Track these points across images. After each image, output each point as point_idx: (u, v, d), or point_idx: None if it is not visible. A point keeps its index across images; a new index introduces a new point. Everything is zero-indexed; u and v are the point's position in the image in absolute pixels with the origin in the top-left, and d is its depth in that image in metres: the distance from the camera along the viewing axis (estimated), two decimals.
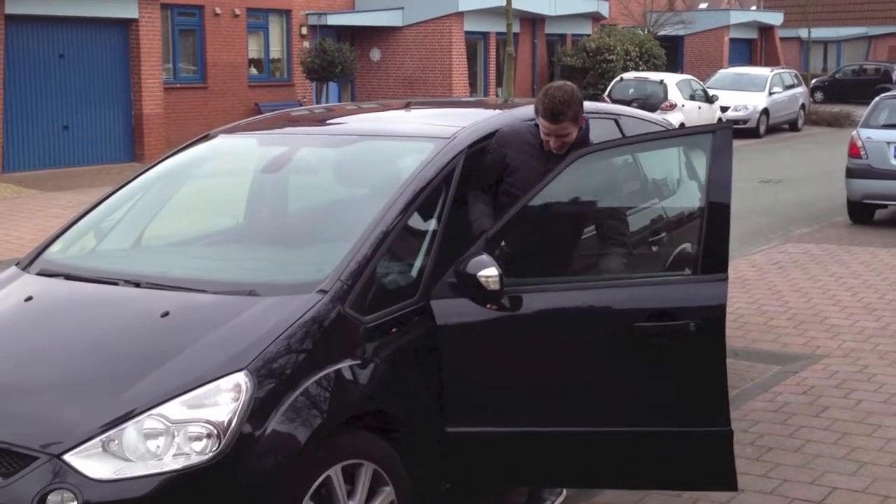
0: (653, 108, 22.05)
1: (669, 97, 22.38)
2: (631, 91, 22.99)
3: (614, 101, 22.30)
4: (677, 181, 5.65)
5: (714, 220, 3.96)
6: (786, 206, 14.00)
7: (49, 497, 3.11)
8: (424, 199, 4.03)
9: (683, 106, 22.46)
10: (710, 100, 23.67)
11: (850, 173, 12.16)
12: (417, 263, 3.93)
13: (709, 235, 3.95)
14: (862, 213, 12.18)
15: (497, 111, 5.09)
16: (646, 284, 4.15)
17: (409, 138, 4.55)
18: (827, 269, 9.35)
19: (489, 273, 3.79)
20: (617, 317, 3.92)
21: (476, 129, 4.46)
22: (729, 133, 4.18)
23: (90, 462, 3.16)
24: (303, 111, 6.13)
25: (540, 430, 3.93)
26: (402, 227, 3.91)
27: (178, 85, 21.09)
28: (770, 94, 26.25)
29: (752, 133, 25.32)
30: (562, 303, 3.97)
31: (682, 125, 21.91)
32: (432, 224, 4.04)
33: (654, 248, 5.12)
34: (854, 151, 12.17)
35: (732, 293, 8.34)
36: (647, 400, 3.92)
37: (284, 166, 4.74)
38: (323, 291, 3.63)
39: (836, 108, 30.51)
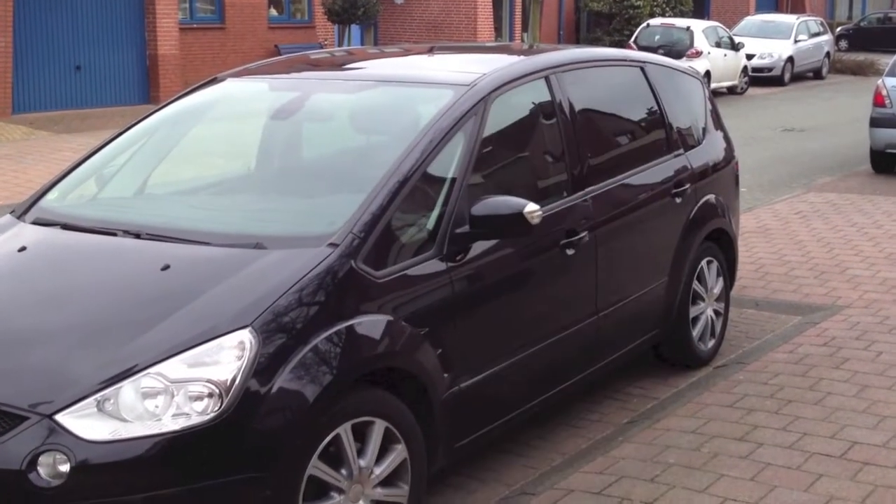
0: (678, 56, 21.69)
1: (695, 44, 21.98)
2: (657, 38, 22.60)
3: (640, 48, 21.95)
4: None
5: None
6: (809, 154, 13.79)
7: (40, 458, 2.98)
8: (443, 147, 3.89)
9: (709, 53, 22.07)
10: (735, 47, 23.25)
11: (874, 122, 11.94)
12: (434, 215, 3.79)
13: None
14: (885, 162, 11.97)
15: (521, 57, 4.95)
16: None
17: (428, 84, 4.40)
18: (849, 218, 9.20)
19: (533, 208, 3.81)
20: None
21: (497, 76, 4.32)
22: None
23: (84, 422, 3.02)
24: (322, 54, 5.96)
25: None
26: (418, 178, 3.77)
27: (195, 25, 20.77)
28: (795, 41, 25.87)
29: (777, 81, 25.00)
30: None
31: (707, 73, 21.67)
32: (451, 174, 3.90)
33: None
34: (878, 100, 11.94)
35: (754, 242, 8.25)
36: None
37: (296, 112, 4.57)
38: (333, 245, 3.49)
39: (860, 57, 30.01)
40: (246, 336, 3.17)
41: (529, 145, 4.59)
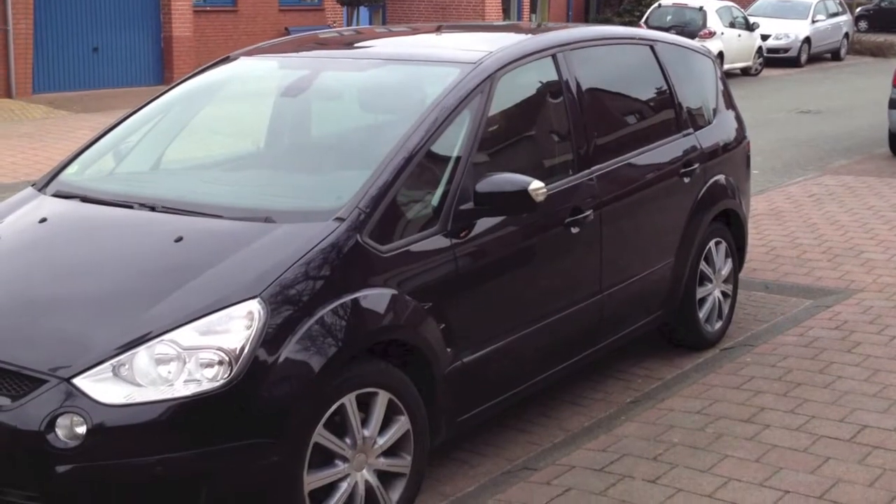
0: (691, 36, 21.49)
1: (708, 24, 21.82)
2: (669, 18, 22.43)
3: (651, 28, 21.84)
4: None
5: None
6: (824, 137, 13.68)
7: (58, 420, 3.08)
8: (448, 125, 3.91)
9: (723, 34, 21.88)
10: (750, 28, 23.05)
11: (893, 104, 11.81)
12: (439, 192, 3.82)
13: None
14: None
15: (528, 36, 4.92)
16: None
17: (434, 63, 4.42)
18: (865, 201, 9.12)
19: (538, 185, 3.82)
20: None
21: (504, 55, 4.32)
22: None
23: (100, 386, 3.12)
24: (330, 33, 5.98)
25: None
26: (424, 155, 3.80)
27: (208, 8, 20.82)
28: (813, 22, 25.59)
29: (793, 62, 24.77)
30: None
31: (720, 54, 21.51)
32: (456, 151, 3.92)
33: None
34: None
35: (766, 225, 8.19)
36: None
37: (305, 90, 4.61)
38: (340, 219, 3.54)
39: (880, 38, 29.72)
40: (255, 306, 3.24)
41: (535, 123, 4.58)
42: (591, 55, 4.80)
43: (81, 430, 3.07)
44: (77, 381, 3.12)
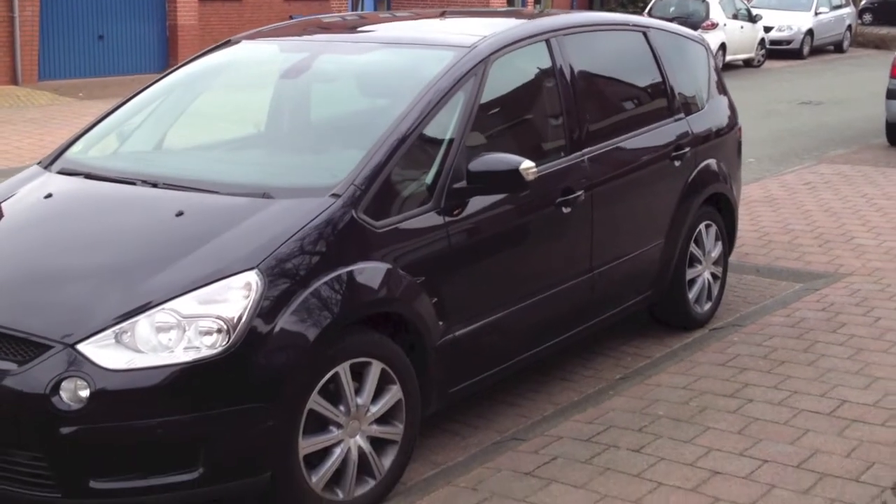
0: (694, 27, 21.58)
1: (711, 16, 21.88)
2: (672, 9, 22.46)
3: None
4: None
5: None
6: (824, 127, 13.78)
7: (62, 384, 3.21)
8: (442, 107, 4.05)
9: (725, 25, 21.96)
10: (753, 19, 23.14)
11: (891, 94, 11.90)
12: (433, 171, 3.95)
13: None
14: None
15: (523, 21, 5.03)
16: None
17: (430, 46, 4.55)
18: (859, 189, 9.24)
19: (529, 165, 3.95)
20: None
21: (498, 39, 4.45)
22: None
23: (103, 352, 3.24)
24: (334, 18, 6.12)
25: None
26: (418, 135, 3.94)
27: None
28: (816, 14, 25.67)
29: (796, 54, 24.86)
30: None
31: (723, 46, 21.58)
32: (450, 132, 4.05)
33: None
34: (895, 72, 11.91)
35: (760, 211, 8.31)
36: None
37: (304, 72, 4.75)
38: (336, 195, 3.67)
39: (883, 31, 29.76)
40: (253, 277, 3.37)
41: (528, 106, 4.71)
42: (584, 41, 4.92)
43: (85, 393, 3.20)
44: (81, 346, 3.25)
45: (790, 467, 3.88)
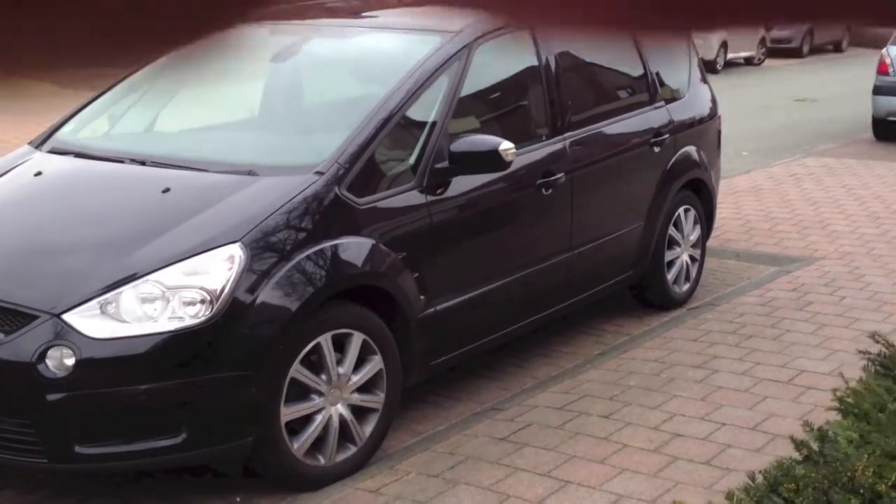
0: None
1: None
2: None
3: None
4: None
5: None
6: (816, 123, 14.02)
7: (49, 352, 3.36)
8: (426, 90, 4.26)
9: None
10: None
11: (877, 90, 12.17)
12: (416, 151, 4.16)
13: None
14: (886, 129, 12.19)
15: None
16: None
17: (417, 31, 4.76)
18: (841, 181, 9.49)
19: (508, 146, 4.17)
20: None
21: (483, 25, 4.62)
22: None
23: (88, 321, 3.39)
24: (339, 2, 6.34)
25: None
26: (402, 117, 4.15)
27: None
28: None
29: (796, 53, 25.09)
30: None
31: (724, 44, 21.82)
32: (433, 114, 4.27)
33: None
34: (882, 69, 12.18)
35: (744, 201, 8.58)
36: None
37: (293, 56, 4.96)
38: (319, 173, 3.86)
39: (881, 31, 29.88)
40: (236, 250, 3.57)
41: (511, 91, 4.96)
42: None
43: (70, 361, 3.33)
44: (66, 316, 3.39)
45: (746, 429, 4.14)
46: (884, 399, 2.55)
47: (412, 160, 4.16)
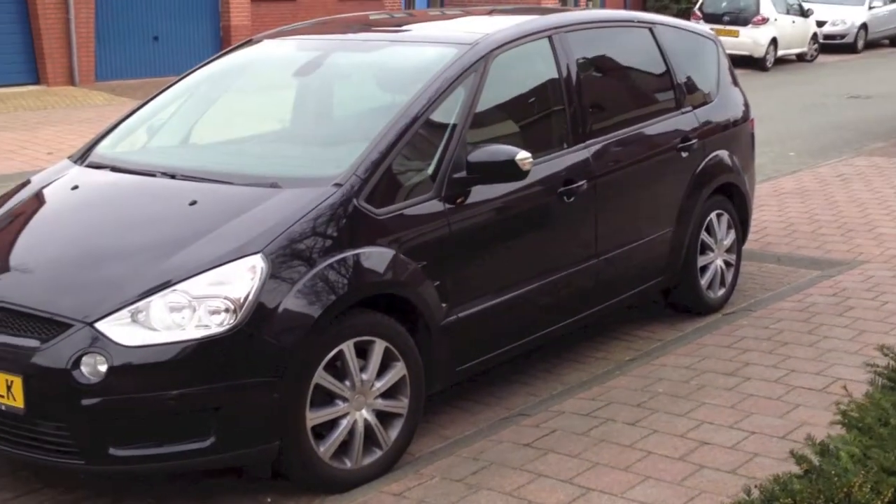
0: (745, 22, 21.60)
1: (762, 11, 21.82)
2: (723, 4, 22.44)
3: (705, 15, 21.88)
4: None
5: None
6: (868, 121, 13.76)
7: (83, 359, 3.49)
8: (443, 101, 4.30)
9: (776, 20, 21.88)
10: (805, 14, 23.01)
11: None
12: (434, 162, 4.21)
13: None
14: None
15: (528, 18, 5.20)
16: None
17: (434, 43, 4.83)
18: (890, 181, 9.30)
19: (525, 155, 4.20)
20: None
21: (499, 36, 4.68)
22: None
23: (120, 329, 3.52)
24: (381, 15, 6.43)
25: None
26: (419, 128, 4.20)
27: None
28: (870, 8, 25.43)
29: (850, 49, 24.67)
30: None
31: (773, 40, 21.52)
32: (451, 124, 4.30)
33: None
34: None
35: (788, 203, 8.44)
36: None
37: (316, 70, 5.04)
38: (338, 185, 3.94)
39: None
40: (258, 260, 3.66)
41: (529, 100, 4.95)
42: (588, 37, 5.17)
43: (103, 367, 3.46)
44: (99, 325, 3.53)
45: (775, 438, 4.08)
46: (888, 413, 2.49)
47: (430, 170, 4.20)
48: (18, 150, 11.42)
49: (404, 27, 5.64)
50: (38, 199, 4.44)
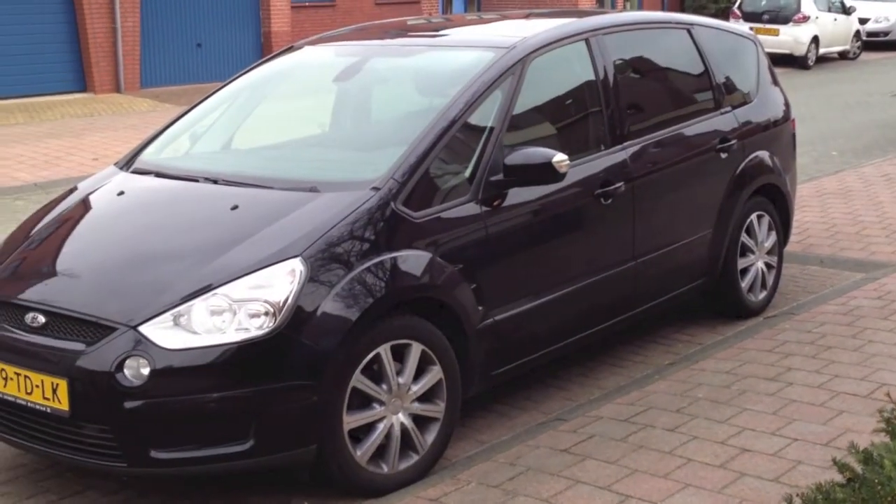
0: (785, 21, 21.38)
1: (802, 8, 21.59)
2: (763, 3, 22.25)
3: (745, 14, 21.71)
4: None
5: None
6: None
7: (126, 362, 3.54)
8: (480, 104, 4.30)
9: (817, 18, 21.63)
10: (847, 11, 22.73)
11: None
12: (471, 165, 4.21)
13: None
14: None
15: (567, 21, 5.17)
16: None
17: (472, 48, 4.83)
18: None
19: (562, 157, 4.19)
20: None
21: (537, 39, 4.68)
22: None
23: (162, 333, 3.56)
24: (418, 20, 6.47)
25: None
26: (456, 131, 4.20)
27: (307, 3, 21.55)
28: None
29: (894, 46, 24.29)
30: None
31: (815, 38, 21.27)
32: (488, 128, 4.30)
33: None
34: None
35: (831, 203, 8.32)
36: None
37: (354, 75, 5.08)
38: (376, 189, 3.95)
39: None
40: (297, 264, 3.68)
41: (566, 102, 4.94)
42: (625, 39, 5.13)
43: (146, 370, 3.51)
44: (142, 328, 3.57)
45: (819, 445, 4.00)
46: None
47: (468, 173, 4.20)
48: (65, 156, 11.60)
49: (442, 31, 5.64)
50: (84, 205, 4.49)
